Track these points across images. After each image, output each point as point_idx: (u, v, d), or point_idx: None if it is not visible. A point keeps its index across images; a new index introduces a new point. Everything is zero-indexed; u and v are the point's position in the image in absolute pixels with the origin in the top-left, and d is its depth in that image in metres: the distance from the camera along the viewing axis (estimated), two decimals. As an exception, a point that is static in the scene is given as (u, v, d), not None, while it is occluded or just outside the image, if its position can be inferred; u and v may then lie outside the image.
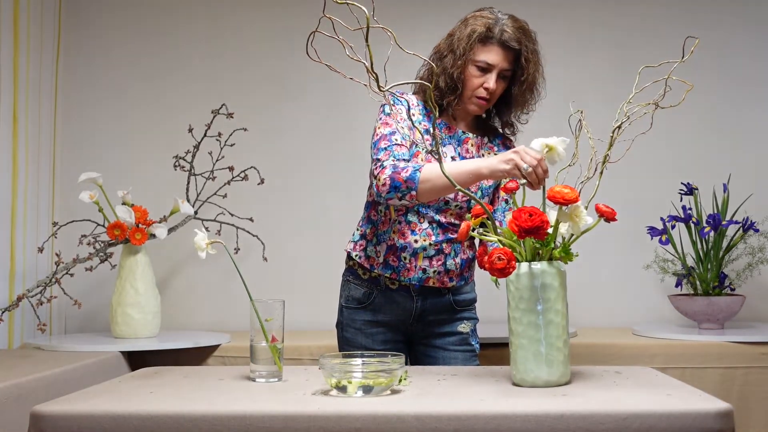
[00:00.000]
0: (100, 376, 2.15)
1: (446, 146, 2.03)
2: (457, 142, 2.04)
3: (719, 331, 2.60)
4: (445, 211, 1.99)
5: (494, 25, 1.95)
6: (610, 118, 1.63)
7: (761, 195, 2.89)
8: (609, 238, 2.85)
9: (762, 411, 2.40)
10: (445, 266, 2.01)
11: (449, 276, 2.02)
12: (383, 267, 2.01)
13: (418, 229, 1.98)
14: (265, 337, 1.62)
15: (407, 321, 2.05)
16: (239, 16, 3.17)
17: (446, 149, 2.02)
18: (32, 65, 2.90)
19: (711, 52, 3.00)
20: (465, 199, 1.98)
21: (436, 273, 2.00)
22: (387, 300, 2.03)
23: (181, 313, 3.06)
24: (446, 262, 2.01)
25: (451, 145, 2.03)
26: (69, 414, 1.34)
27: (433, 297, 2.04)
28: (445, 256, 2.00)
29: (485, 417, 1.29)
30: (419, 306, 2.03)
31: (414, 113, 2.01)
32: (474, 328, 2.10)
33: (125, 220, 2.57)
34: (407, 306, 2.03)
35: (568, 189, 1.50)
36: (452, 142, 2.03)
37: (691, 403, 1.34)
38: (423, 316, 2.05)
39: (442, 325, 2.07)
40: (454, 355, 2.05)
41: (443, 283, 2.02)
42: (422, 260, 1.99)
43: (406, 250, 1.98)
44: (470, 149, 2.04)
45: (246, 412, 1.32)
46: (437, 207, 1.99)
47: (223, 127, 2.88)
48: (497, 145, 2.10)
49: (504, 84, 2.00)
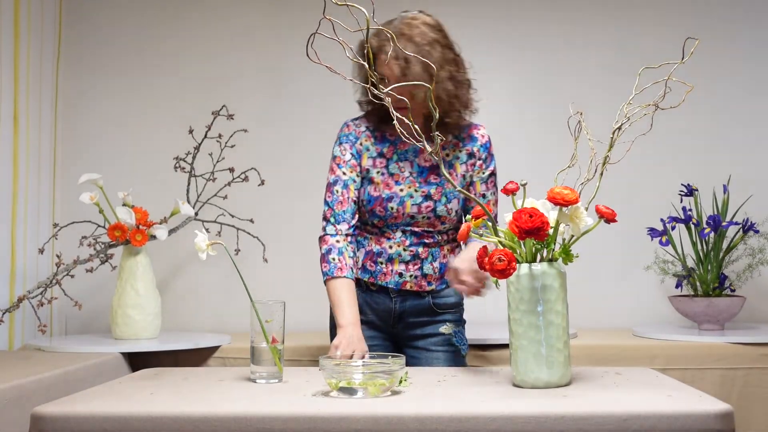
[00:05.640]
0: (101, 377, 2.15)
1: (403, 162, 2.02)
2: (414, 155, 2.03)
3: (719, 332, 2.60)
4: (413, 224, 2.01)
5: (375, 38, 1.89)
6: (610, 119, 1.63)
7: (761, 196, 2.89)
8: (609, 239, 2.85)
9: (762, 412, 2.40)
10: (422, 270, 2.03)
11: (427, 280, 2.04)
12: (362, 271, 2.05)
13: (392, 236, 2.02)
14: (266, 338, 1.62)
15: (389, 322, 2.08)
16: (240, 17, 3.17)
17: (403, 164, 2.02)
18: (32, 66, 2.90)
19: (711, 52, 2.99)
20: (429, 209, 1.99)
21: (413, 277, 2.02)
22: (368, 301, 2.07)
23: (181, 314, 3.06)
24: (423, 266, 2.03)
25: (407, 161, 2.02)
26: (69, 415, 1.34)
27: (413, 299, 2.05)
28: (422, 261, 2.02)
29: (486, 418, 1.29)
30: (398, 307, 2.05)
31: (362, 141, 2.03)
32: (458, 330, 2.09)
33: (126, 221, 2.57)
34: (387, 307, 2.06)
35: (569, 190, 1.50)
36: (408, 156, 2.02)
37: (691, 404, 1.34)
38: (403, 317, 2.06)
39: (424, 327, 2.07)
40: (437, 355, 2.05)
41: (421, 286, 2.03)
42: (398, 265, 2.02)
43: (382, 255, 2.03)
44: (429, 157, 2.02)
45: (246, 413, 1.32)
46: (404, 223, 2.01)
47: (223, 129, 2.88)
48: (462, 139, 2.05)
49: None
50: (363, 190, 2.01)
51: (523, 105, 3.13)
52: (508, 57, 3.18)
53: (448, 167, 2.02)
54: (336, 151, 2.04)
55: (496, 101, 3.18)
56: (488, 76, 3.20)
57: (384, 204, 2.00)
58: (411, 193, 2.00)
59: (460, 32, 1.99)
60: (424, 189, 2.00)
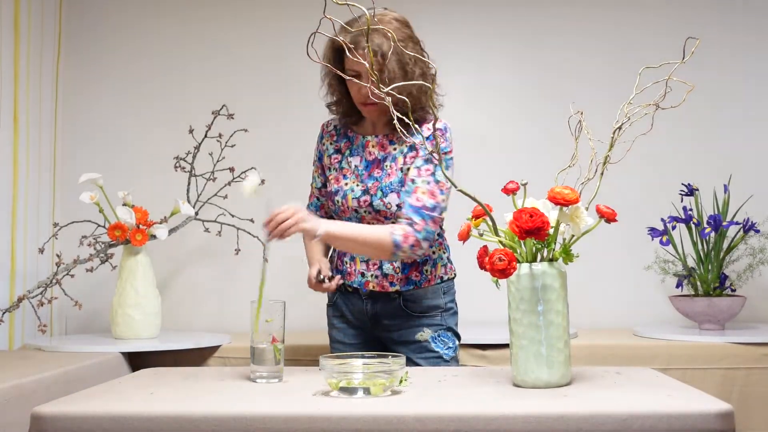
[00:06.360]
0: (101, 376, 2.15)
1: (353, 157, 2.05)
2: (361, 148, 2.06)
3: (720, 332, 2.60)
4: (361, 219, 2.02)
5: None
6: (611, 118, 1.63)
7: (762, 196, 2.89)
8: (609, 239, 2.84)
9: (763, 412, 2.40)
10: (382, 270, 2.01)
11: (389, 280, 2.02)
12: (336, 271, 2.09)
13: None
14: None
15: (366, 324, 2.08)
16: (240, 16, 3.17)
17: (353, 159, 2.05)
18: (32, 66, 2.90)
19: (711, 52, 2.99)
20: (367, 203, 1.99)
21: (374, 277, 2.02)
22: (345, 303, 2.10)
23: (181, 313, 3.06)
24: (382, 265, 2.01)
25: (357, 155, 2.06)
26: (69, 415, 1.34)
27: (383, 301, 2.04)
28: (380, 261, 2.01)
29: (486, 418, 1.29)
30: (370, 309, 2.05)
31: (325, 142, 2.13)
32: (437, 335, 2.03)
33: (126, 220, 2.57)
34: (360, 308, 2.06)
35: (569, 190, 1.50)
36: (357, 151, 2.06)
37: (691, 404, 1.34)
38: (378, 319, 2.06)
39: (400, 331, 2.05)
40: (418, 362, 2.01)
41: (383, 287, 2.02)
42: (359, 264, 2.03)
43: (346, 255, 2.06)
44: (372, 151, 2.04)
45: (246, 413, 1.32)
46: (354, 217, 2.02)
47: (223, 128, 2.88)
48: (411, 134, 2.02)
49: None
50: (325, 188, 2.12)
51: (524, 104, 3.13)
52: (508, 56, 3.18)
53: (392, 160, 2.01)
54: (314, 151, 2.17)
55: (496, 101, 3.18)
56: (488, 76, 3.23)
57: (333, 198, 2.05)
58: (353, 187, 2.02)
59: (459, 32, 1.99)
60: (364, 183, 2.01)
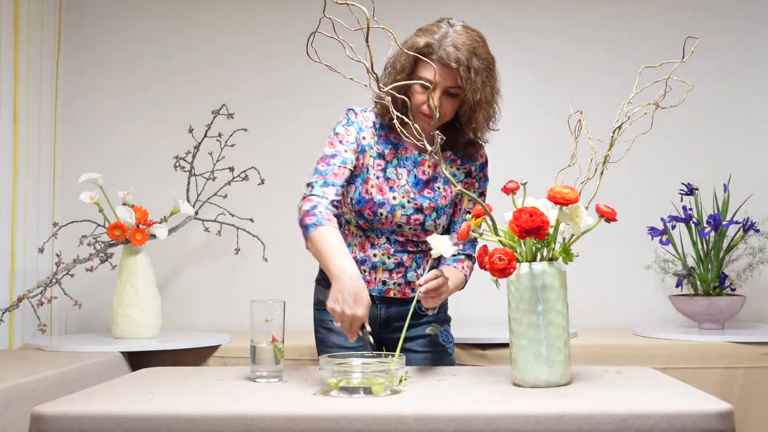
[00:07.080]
0: (101, 376, 2.15)
1: (401, 168, 1.97)
2: (413, 164, 1.98)
3: (720, 332, 2.60)
4: (399, 233, 1.97)
5: (436, 41, 1.84)
6: (611, 118, 1.63)
7: (761, 195, 2.89)
8: (609, 238, 2.84)
9: (762, 411, 2.40)
10: (406, 278, 1.99)
11: (411, 287, 2.00)
12: None
13: (377, 243, 1.97)
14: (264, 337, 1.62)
15: (375, 328, 2.02)
16: (240, 16, 3.17)
17: (401, 171, 1.96)
18: (32, 65, 2.90)
19: (711, 52, 2.99)
20: (418, 222, 1.95)
21: (397, 285, 1.99)
22: None
23: (181, 313, 3.06)
24: (407, 274, 1.99)
25: (405, 169, 1.97)
26: (69, 415, 1.34)
27: (398, 305, 2.01)
28: (405, 269, 1.99)
29: (486, 417, 1.29)
30: (384, 314, 2.01)
31: (365, 136, 1.95)
32: (444, 329, 2.06)
33: (126, 220, 2.57)
34: (373, 314, 1.99)
35: (569, 189, 1.50)
36: (407, 164, 1.97)
37: (691, 404, 1.34)
38: (389, 323, 2.03)
39: (409, 329, 2.03)
40: (425, 356, 2.02)
41: (405, 294, 2.00)
42: (382, 273, 1.98)
43: (365, 263, 1.98)
44: (427, 171, 1.98)
45: (246, 412, 1.32)
46: (390, 230, 1.97)
47: (223, 128, 2.88)
48: (461, 158, 2.01)
49: (453, 101, 1.88)
50: (354, 188, 1.95)
51: (523, 104, 3.13)
52: (508, 56, 3.17)
53: (444, 182, 1.98)
54: (340, 129, 1.94)
55: (496, 100, 3.18)
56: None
57: (374, 208, 1.94)
58: (403, 203, 1.95)
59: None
60: (417, 201, 1.95)
